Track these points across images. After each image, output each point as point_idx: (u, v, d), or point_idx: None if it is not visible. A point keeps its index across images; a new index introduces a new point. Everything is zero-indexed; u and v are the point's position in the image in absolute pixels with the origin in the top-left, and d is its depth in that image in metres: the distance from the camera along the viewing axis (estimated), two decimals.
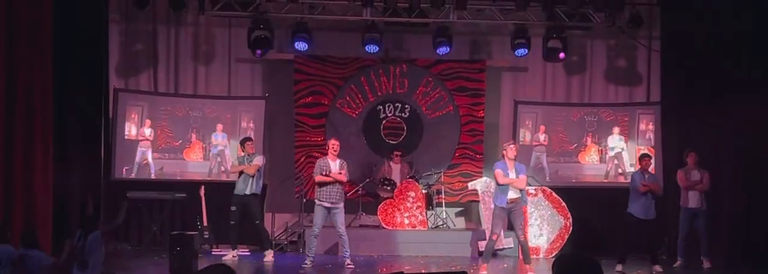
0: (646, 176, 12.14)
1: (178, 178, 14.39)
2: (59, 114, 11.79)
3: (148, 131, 14.30)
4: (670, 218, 13.24)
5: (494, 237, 11.57)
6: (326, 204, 11.92)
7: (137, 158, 14.21)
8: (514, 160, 11.54)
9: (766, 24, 12.84)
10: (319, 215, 11.99)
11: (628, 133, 14.90)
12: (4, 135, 10.93)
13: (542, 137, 14.91)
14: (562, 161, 15.00)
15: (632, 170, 13.99)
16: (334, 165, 12.02)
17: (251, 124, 14.56)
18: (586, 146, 15.00)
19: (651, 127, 14.79)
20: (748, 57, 13.19)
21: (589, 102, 15.24)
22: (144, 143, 14.27)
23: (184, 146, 14.47)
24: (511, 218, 11.51)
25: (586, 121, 14.94)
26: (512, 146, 11.70)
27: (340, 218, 12.01)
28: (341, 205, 12.05)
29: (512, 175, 11.38)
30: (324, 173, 11.92)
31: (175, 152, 14.43)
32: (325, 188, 11.95)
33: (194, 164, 14.50)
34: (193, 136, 14.51)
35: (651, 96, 15.09)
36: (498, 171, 11.41)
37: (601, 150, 14.96)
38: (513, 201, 11.35)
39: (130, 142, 14.19)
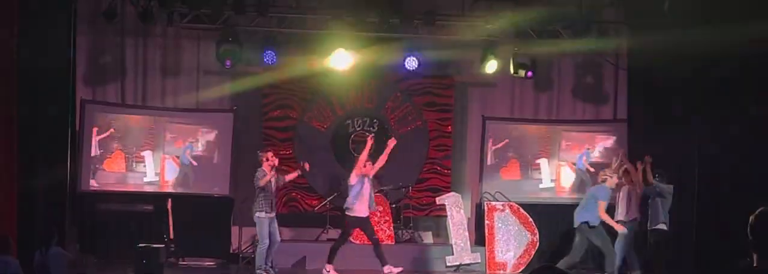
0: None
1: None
2: (25, 125, 11.63)
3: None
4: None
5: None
6: (272, 214, 12.00)
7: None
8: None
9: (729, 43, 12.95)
10: (265, 227, 12.00)
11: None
12: None
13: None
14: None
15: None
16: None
17: (213, 137, 14.46)
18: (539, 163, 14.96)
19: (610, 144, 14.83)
20: (717, 77, 13.33)
21: (557, 118, 15.27)
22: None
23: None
24: None
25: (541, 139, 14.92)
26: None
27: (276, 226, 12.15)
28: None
29: None
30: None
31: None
32: (269, 198, 12.00)
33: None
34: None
35: (618, 113, 15.16)
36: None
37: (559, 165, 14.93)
38: None
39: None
